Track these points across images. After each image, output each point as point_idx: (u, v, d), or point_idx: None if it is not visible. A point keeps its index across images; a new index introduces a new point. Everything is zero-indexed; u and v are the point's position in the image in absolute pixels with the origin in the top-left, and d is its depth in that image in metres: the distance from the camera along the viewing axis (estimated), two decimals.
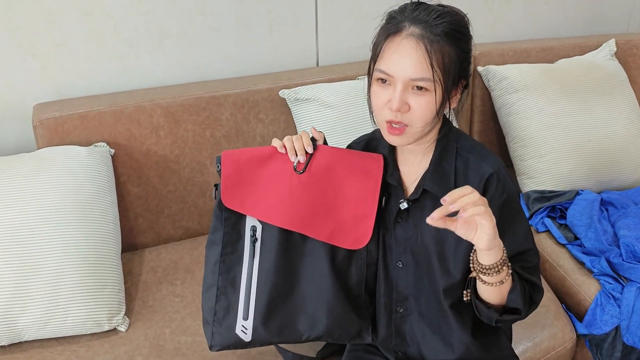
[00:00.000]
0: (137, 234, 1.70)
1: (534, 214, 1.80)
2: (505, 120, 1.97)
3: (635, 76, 2.17)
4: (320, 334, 1.11)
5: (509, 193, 1.01)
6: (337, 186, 1.07)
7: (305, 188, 1.06)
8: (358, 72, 1.84)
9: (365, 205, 1.07)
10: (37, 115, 1.54)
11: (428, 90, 0.94)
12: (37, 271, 1.31)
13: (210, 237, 1.11)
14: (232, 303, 1.10)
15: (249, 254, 1.09)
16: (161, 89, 1.71)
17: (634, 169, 1.94)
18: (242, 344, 1.12)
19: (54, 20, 1.57)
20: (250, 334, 1.10)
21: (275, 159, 1.07)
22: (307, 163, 1.06)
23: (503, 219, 0.98)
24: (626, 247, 1.58)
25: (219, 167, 1.07)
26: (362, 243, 1.08)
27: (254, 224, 1.09)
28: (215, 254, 1.10)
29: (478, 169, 1.01)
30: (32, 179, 1.40)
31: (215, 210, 1.09)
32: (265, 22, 1.82)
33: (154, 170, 1.66)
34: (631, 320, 1.45)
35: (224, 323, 1.11)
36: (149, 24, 1.68)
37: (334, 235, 1.07)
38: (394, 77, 0.94)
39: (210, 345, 1.13)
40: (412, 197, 1.06)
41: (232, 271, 1.10)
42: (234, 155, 1.07)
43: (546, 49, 2.10)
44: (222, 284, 1.10)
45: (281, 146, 1.06)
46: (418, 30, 0.93)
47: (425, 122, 0.96)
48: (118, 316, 1.40)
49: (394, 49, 0.94)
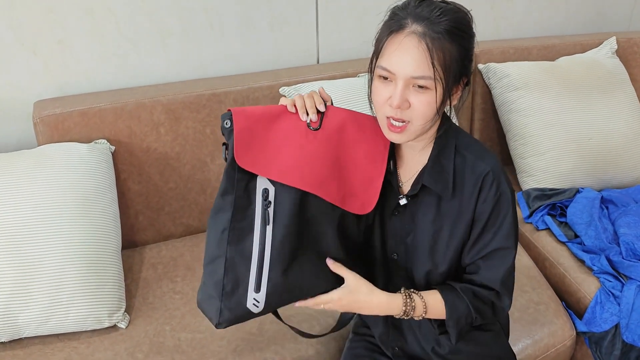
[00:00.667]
0: (138, 231, 1.71)
1: (534, 212, 1.80)
2: (506, 118, 1.97)
3: (636, 74, 2.16)
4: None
5: (502, 192, 1.02)
6: (348, 146, 1.03)
7: (320, 146, 1.00)
8: (358, 70, 1.84)
9: (374, 166, 1.04)
10: (38, 112, 1.54)
11: (429, 88, 0.94)
12: (37, 267, 1.32)
13: (218, 203, 1.00)
14: (242, 275, 1.00)
15: (260, 220, 0.99)
16: (162, 86, 1.71)
17: (634, 167, 1.94)
18: (250, 316, 1.04)
19: (56, 18, 1.58)
20: (262, 306, 1.02)
21: (285, 117, 1.01)
22: (321, 121, 1.01)
23: (492, 216, 1.02)
24: (626, 245, 1.58)
25: (228, 124, 0.97)
26: (369, 207, 1.04)
27: (266, 186, 0.99)
28: (224, 221, 0.99)
29: (475, 167, 1.02)
30: (32, 175, 1.40)
31: (227, 171, 0.98)
32: (267, 19, 1.83)
33: (154, 167, 1.66)
34: (631, 318, 1.45)
35: (234, 297, 1.01)
36: (151, 21, 1.68)
37: (345, 199, 1.02)
38: (396, 74, 0.94)
39: (217, 323, 1.02)
40: (411, 193, 1.07)
41: (242, 240, 1.00)
42: (244, 112, 0.99)
43: (547, 47, 2.10)
44: (231, 255, 1.00)
45: (291, 105, 1.01)
46: (420, 28, 0.92)
47: (426, 119, 0.97)
48: (118, 313, 1.41)
49: (396, 47, 0.94)
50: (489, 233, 1.04)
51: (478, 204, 1.02)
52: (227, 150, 0.99)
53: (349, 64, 1.89)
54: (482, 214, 1.03)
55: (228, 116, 0.98)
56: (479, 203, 1.02)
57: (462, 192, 1.03)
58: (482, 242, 1.05)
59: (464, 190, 1.03)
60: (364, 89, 1.70)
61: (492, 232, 1.04)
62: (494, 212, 1.02)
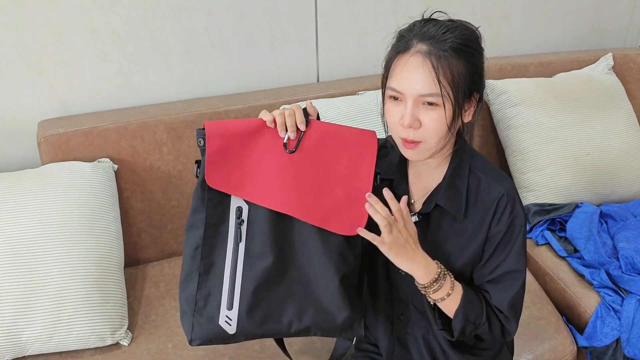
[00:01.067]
0: (140, 249, 1.72)
1: (533, 227, 1.81)
2: (505, 134, 1.99)
3: (633, 90, 2.19)
4: (309, 325, 1.02)
5: (516, 215, 1.02)
6: (329, 164, 0.99)
7: (295, 167, 0.98)
8: (358, 88, 1.87)
9: (358, 184, 0.99)
10: (42, 131, 1.57)
11: (438, 105, 0.94)
12: (41, 286, 1.33)
13: (191, 220, 1.01)
14: (214, 291, 1.00)
15: (234, 237, 0.99)
16: (164, 105, 1.73)
17: (632, 182, 1.95)
18: (224, 337, 1.01)
19: (60, 39, 1.61)
20: (235, 325, 1.00)
21: (263, 133, 0.98)
22: (299, 140, 0.98)
23: (504, 238, 1.03)
24: (625, 259, 1.59)
25: (201, 143, 0.97)
26: (360, 225, 0.99)
27: (240, 204, 0.99)
28: (196, 238, 1.00)
29: (490, 190, 1.03)
30: (36, 194, 1.42)
31: (196, 190, 0.99)
32: (267, 39, 1.85)
33: (157, 185, 1.68)
34: (631, 333, 1.45)
35: (205, 313, 1.00)
36: (153, 41, 1.71)
37: (327, 219, 0.98)
38: (404, 94, 0.95)
39: (190, 339, 1.02)
40: (424, 211, 1.07)
41: (214, 256, 1.00)
42: (219, 129, 0.97)
43: (544, 64, 2.12)
44: (204, 270, 1.00)
45: (271, 121, 0.99)
46: (425, 47, 0.94)
47: (438, 137, 0.97)
48: (121, 330, 1.41)
49: (402, 67, 0.95)
50: (500, 255, 1.04)
51: (492, 226, 1.03)
52: (199, 169, 0.99)
53: (349, 82, 1.92)
54: (495, 235, 1.03)
55: (202, 134, 0.97)
56: (493, 225, 1.03)
57: (475, 213, 1.03)
58: (493, 263, 1.05)
59: (477, 212, 1.03)
60: (363, 106, 1.74)
61: (504, 255, 1.04)
62: (506, 234, 1.03)
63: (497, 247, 1.04)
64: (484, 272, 1.06)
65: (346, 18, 1.93)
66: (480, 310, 1.05)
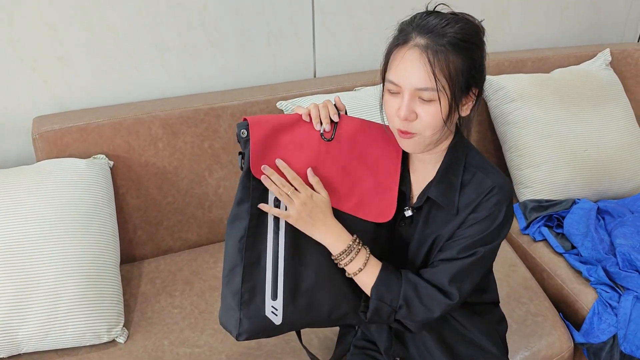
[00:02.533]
0: (136, 246, 1.71)
1: (530, 223, 1.80)
2: (502, 130, 1.98)
3: (630, 85, 2.18)
4: (347, 312, 1.05)
5: (500, 209, 1.01)
6: (361, 155, 1.05)
7: (332, 156, 1.04)
8: (355, 83, 1.86)
9: (387, 176, 1.06)
10: (37, 127, 1.55)
11: (433, 99, 0.95)
12: (36, 283, 1.32)
13: (235, 211, 1.02)
14: (258, 283, 1.01)
15: (273, 227, 1.02)
16: (159, 101, 1.72)
17: (630, 178, 1.95)
18: (271, 329, 1.02)
19: (55, 34, 1.59)
20: (280, 314, 1.01)
21: (300, 126, 1.04)
22: (334, 131, 1.04)
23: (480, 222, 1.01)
24: (623, 255, 1.59)
25: (245, 134, 1.00)
26: (388, 216, 1.06)
27: None
28: (241, 229, 1.01)
29: (481, 183, 1.02)
30: (31, 191, 1.41)
31: (242, 180, 1.01)
32: (264, 34, 1.84)
33: (152, 182, 1.67)
34: (628, 329, 1.46)
35: (252, 306, 1.00)
36: (149, 37, 1.70)
37: (358, 206, 1.04)
38: (401, 87, 0.96)
39: (237, 334, 1.01)
40: (416, 205, 1.08)
41: (257, 247, 1.01)
42: (260, 121, 1.01)
43: (542, 59, 2.12)
44: (248, 262, 1.00)
45: (306, 114, 1.03)
46: (423, 41, 0.94)
47: (434, 130, 0.97)
48: (117, 328, 1.41)
49: (400, 60, 0.96)
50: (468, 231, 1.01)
51: (474, 211, 1.02)
52: (244, 160, 1.02)
53: (346, 78, 1.91)
54: (471, 219, 1.02)
55: (244, 125, 1.01)
56: (475, 210, 1.01)
57: (466, 207, 1.03)
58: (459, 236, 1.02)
59: (467, 205, 1.03)
60: (360, 101, 1.74)
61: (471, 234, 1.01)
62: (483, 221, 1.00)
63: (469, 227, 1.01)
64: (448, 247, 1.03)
65: (343, 13, 1.92)
66: (397, 294, 1.02)
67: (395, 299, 1.02)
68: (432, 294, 1.02)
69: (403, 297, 1.02)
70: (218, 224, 1.78)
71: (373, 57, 2.01)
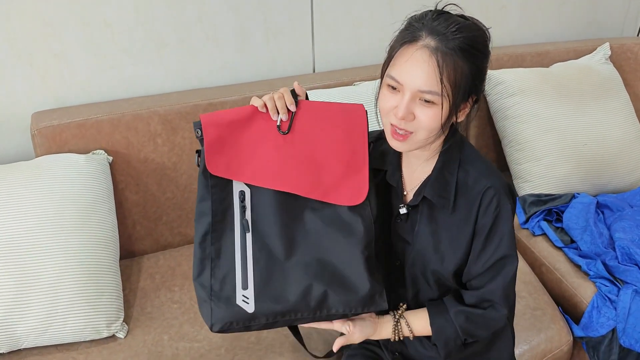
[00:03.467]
0: (136, 241, 1.71)
1: (530, 218, 1.80)
2: (501, 125, 1.98)
3: (630, 80, 2.18)
4: (326, 299, 1.02)
5: (502, 207, 1.02)
6: (323, 140, 1.03)
7: (291, 146, 1.02)
8: (354, 78, 1.86)
9: (355, 157, 1.04)
10: (35, 123, 1.55)
11: (435, 103, 0.93)
12: (35, 278, 1.32)
13: (198, 208, 1.04)
14: (228, 273, 1.02)
15: (239, 220, 1.03)
16: (158, 96, 1.72)
17: (629, 172, 1.95)
18: (245, 318, 1.02)
19: (52, 31, 1.59)
20: (252, 302, 1.01)
21: (257, 118, 1.02)
22: (291, 121, 1.02)
23: (492, 230, 1.03)
24: (622, 249, 1.59)
25: (199, 133, 1.01)
26: (360, 197, 1.03)
27: (242, 188, 1.03)
28: (205, 225, 1.03)
29: (477, 182, 1.02)
30: (30, 187, 1.41)
31: (200, 179, 1.03)
32: (262, 29, 1.84)
33: (151, 177, 1.67)
34: (627, 323, 1.46)
35: (222, 295, 1.02)
36: (147, 33, 1.70)
37: (328, 192, 1.02)
38: (404, 85, 0.94)
39: (211, 325, 1.03)
40: (412, 204, 1.07)
41: (224, 240, 1.03)
42: (214, 120, 1.01)
43: (541, 54, 2.12)
44: (216, 255, 1.03)
45: (262, 106, 1.01)
46: (433, 43, 0.91)
47: (429, 133, 0.97)
48: (116, 323, 1.41)
49: (407, 58, 0.93)
50: (490, 247, 1.04)
51: (478, 218, 1.02)
52: (200, 158, 1.03)
53: (345, 73, 1.91)
54: (482, 228, 1.03)
55: (199, 125, 1.01)
56: (479, 218, 1.02)
57: (463, 206, 1.03)
58: (484, 257, 1.05)
59: (464, 204, 1.03)
60: (359, 97, 1.73)
61: (493, 248, 1.04)
62: (494, 226, 1.02)
63: (486, 241, 1.04)
64: (478, 266, 1.06)
65: (342, 9, 1.92)
66: (455, 333, 1.08)
67: (457, 337, 1.08)
68: (483, 314, 1.08)
69: (462, 332, 1.08)
70: None
71: (372, 53, 2.00)
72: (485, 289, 1.06)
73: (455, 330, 1.07)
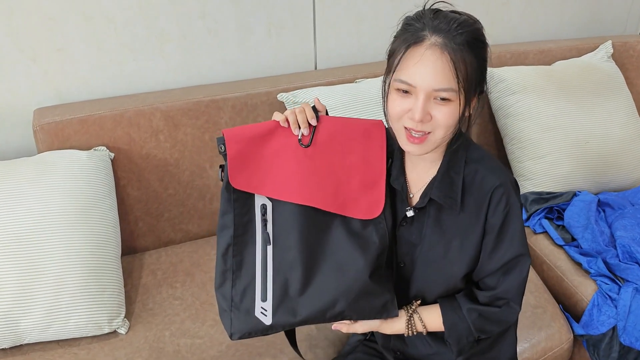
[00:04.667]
0: (137, 237, 1.72)
1: (531, 215, 1.80)
2: (503, 122, 1.98)
3: (632, 78, 2.18)
4: (342, 310, 1.05)
5: (511, 205, 1.01)
6: (342, 155, 1.05)
7: (311, 160, 1.04)
8: (356, 76, 1.85)
9: (372, 171, 1.06)
10: (38, 119, 1.55)
11: (451, 100, 0.92)
12: (38, 274, 1.33)
13: (221, 221, 1.06)
14: (248, 285, 1.05)
15: (261, 233, 1.05)
16: (160, 92, 1.72)
17: (631, 170, 1.95)
18: (262, 329, 1.06)
19: (54, 26, 1.59)
20: (270, 315, 1.05)
21: (278, 133, 1.04)
22: (312, 136, 1.04)
23: (502, 229, 1.02)
24: (623, 247, 1.59)
25: (222, 149, 1.03)
26: (376, 211, 1.05)
27: (264, 202, 1.05)
28: (227, 237, 1.05)
29: (485, 180, 1.02)
30: (32, 183, 1.41)
31: (222, 193, 1.05)
32: (264, 26, 1.84)
33: (153, 173, 1.67)
34: (628, 321, 1.46)
35: (242, 307, 1.06)
36: (150, 28, 1.69)
37: (346, 206, 1.04)
38: (417, 87, 0.92)
39: (231, 334, 1.07)
40: (419, 206, 1.07)
41: (245, 253, 1.06)
42: (237, 135, 1.04)
43: (543, 51, 2.11)
44: (237, 267, 1.06)
45: (284, 120, 1.03)
46: (440, 40, 0.91)
47: (447, 130, 0.96)
48: (118, 319, 1.41)
49: (418, 59, 0.92)
50: (502, 247, 1.04)
51: (488, 217, 1.02)
52: (223, 173, 1.05)
53: (347, 70, 1.90)
54: (493, 227, 1.02)
55: (222, 140, 1.04)
56: (489, 216, 1.02)
57: (472, 204, 1.03)
58: (496, 256, 1.04)
59: (473, 203, 1.02)
60: (361, 94, 1.73)
61: (506, 246, 1.04)
62: (504, 225, 1.02)
63: (497, 240, 1.03)
64: (491, 266, 1.05)
65: (344, 5, 1.92)
66: (468, 330, 1.08)
67: (470, 334, 1.08)
68: (497, 312, 1.08)
69: (475, 328, 1.08)
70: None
71: (374, 49, 2.00)
72: (499, 289, 1.06)
73: (468, 327, 1.07)
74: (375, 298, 1.07)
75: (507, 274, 1.05)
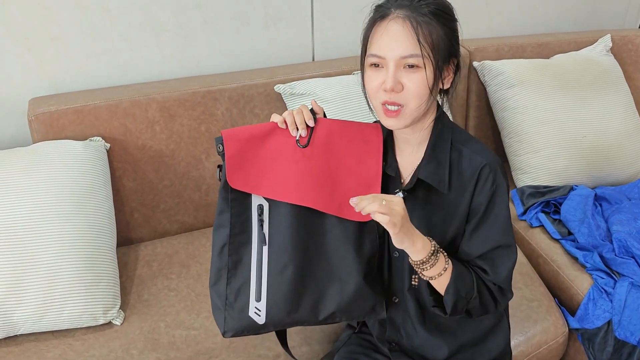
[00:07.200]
0: (133, 228, 1.71)
1: (528, 209, 1.80)
2: (501, 116, 1.97)
3: (631, 72, 2.17)
4: (334, 311, 1.07)
5: (498, 185, 1.03)
6: (339, 157, 1.06)
7: (309, 161, 1.05)
8: (353, 67, 1.84)
9: (368, 173, 1.07)
10: (33, 109, 1.54)
11: (419, 67, 0.96)
12: (32, 265, 1.32)
13: (217, 220, 1.08)
14: (243, 285, 1.07)
15: (257, 233, 1.06)
16: (157, 83, 1.71)
17: (628, 165, 1.95)
18: (256, 328, 1.08)
19: (49, 15, 1.57)
20: (263, 315, 1.06)
21: (276, 134, 1.05)
22: (309, 136, 1.05)
23: (487, 209, 1.03)
24: (619, 242, 1.59)
25: (220, 149, 1.04)
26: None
27: (260, 202, 1.06)
28: (223, 236, 1.07)
29: (471, 161, 1.03)
30: (27, 173, 1.40)
31: (220, 192, 1.06)
32: (262, 16, 1.82)
33: (149, 164, 1.66)
34: (623, 315, 1.46)
35: (236, 306, 1.07)
36: (145, 18, 1.68)
37: (343, 207, 1.05)
38: (385, 58, 0.97)
39: (224, 331, 1.09)
40: (407, 187, 1.07)
41: (241, 252, 1.07)
42: (235, 135, 1.05)
43: (542, 45, 2.10)
44: (232, 266, 1.07)
45: (282, 121, 1.04)
46: (403, 12, 0.96)
47: (420, 100, 0.98)
48: (113, 310, 1.41)
49: (382, 32, 0.97)
50: (485, 227, 1.04)
51: (474, 196, 1.03)
52: (221, 172, 1.05)
53: (344, 61, 1.89)
54: (478, 206, 1.03)
55: (220, 140, 1.04)
56: (475, 195, 1.03)
57: (459, 185, 1.04)
58: (479, 237, 1.05)
59: (460, 184, 1.04)
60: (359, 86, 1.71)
61: (488, 226, 1.04)
62: (489, 205, 1.03)
63: (481, 220, 1.03)
64: (472, 247, 1.05)
65: None
66: (471, 284, 1.04)
67: (470, 290, 1.04)
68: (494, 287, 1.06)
69: (477, 289, 1.04)
70: (215, 208, 1.77)
71: None
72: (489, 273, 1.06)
73: (472, 281, 1.04)
74: (366, 300, 1.09)
75: (494, 262, 1.05)
